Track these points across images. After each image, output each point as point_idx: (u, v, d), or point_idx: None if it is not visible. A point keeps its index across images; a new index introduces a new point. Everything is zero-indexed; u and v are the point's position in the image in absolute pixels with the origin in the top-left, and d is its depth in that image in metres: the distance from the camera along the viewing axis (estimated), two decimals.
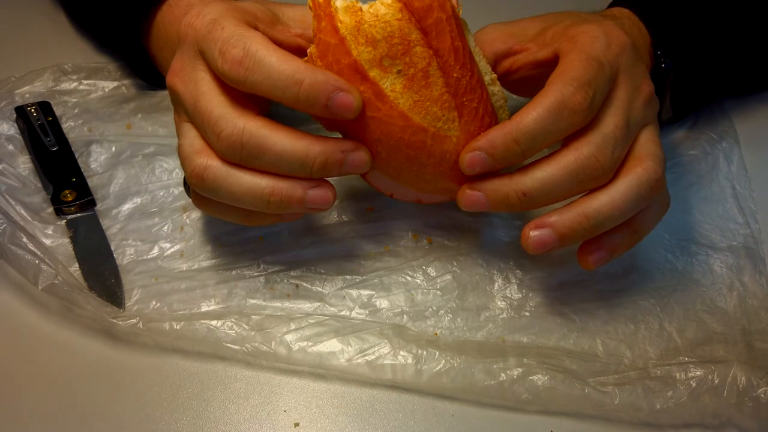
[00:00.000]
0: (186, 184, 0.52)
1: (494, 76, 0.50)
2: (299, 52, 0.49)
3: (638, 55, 0.50)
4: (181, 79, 0.47)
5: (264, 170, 0.45)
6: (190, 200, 0.56)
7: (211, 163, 0.45)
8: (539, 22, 0.53)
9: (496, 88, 0.50)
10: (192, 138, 0.47)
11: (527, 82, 0.53)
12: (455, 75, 0.46)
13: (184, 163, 0.47)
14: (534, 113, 0.45)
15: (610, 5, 0.60)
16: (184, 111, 0.47)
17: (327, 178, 0.47)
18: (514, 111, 0.47)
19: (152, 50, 0.60)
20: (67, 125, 0.60)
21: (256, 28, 0.47)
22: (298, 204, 0.46)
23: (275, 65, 0.43)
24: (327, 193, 0.46)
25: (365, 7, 0.45)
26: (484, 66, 0.49)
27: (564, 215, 0.46)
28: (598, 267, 0.49)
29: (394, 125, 0.45)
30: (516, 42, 0.53)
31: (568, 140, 0.47)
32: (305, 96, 0.43)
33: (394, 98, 0.45)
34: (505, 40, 0.53)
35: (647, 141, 0.48)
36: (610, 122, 0.47)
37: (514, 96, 0.57)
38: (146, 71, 0.62)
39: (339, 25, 0.45)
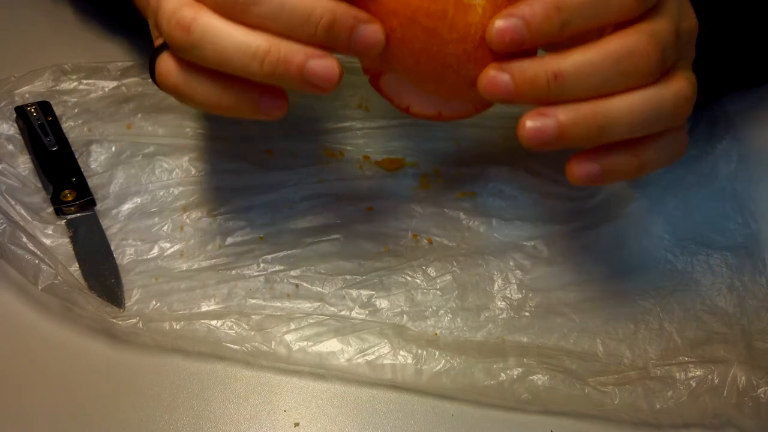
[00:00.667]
0: (152, 62, 0.44)
1: None
2: None
3: None
4: None
5: (260, 25, 0.39)
6: (191, 200, 0.56)
7: (201, 14, 0.39)
8: None
9: None
10: None
11: None
12: None
13: (165, 18, 0.40)
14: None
15: None
16: None
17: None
18: None
19: None
20: (67, 125, 0.60)
21: None
22: (296, 72, 0.39)
23: None
24: (332, 67, 0.39)
25: None
26: None
27: (572, 106, 0.40)
28: (583, 183, 0.42)
29: None
30: None
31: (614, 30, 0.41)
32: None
33: None
34: None
35: (685, 69, 0.43)
36: (662, 21, 0.41)
37: None
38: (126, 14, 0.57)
39: None
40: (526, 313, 0.52)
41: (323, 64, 0.39)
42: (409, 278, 0.53)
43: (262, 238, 0.55)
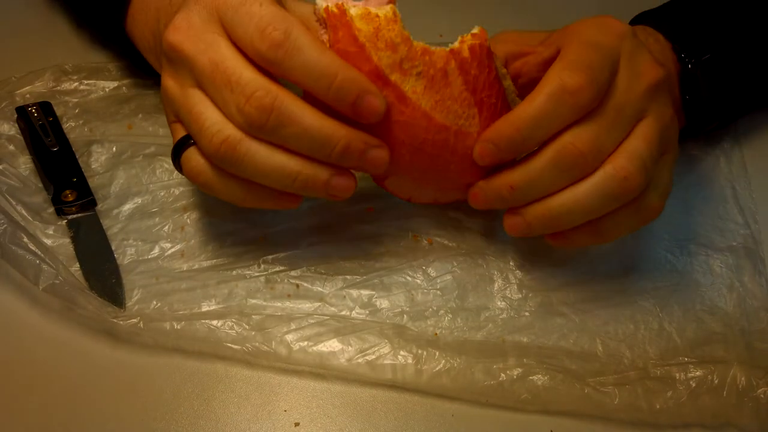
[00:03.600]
0: (177, 153, 0.48)
1: (505, 71, 0.50)
2: None
3: (641, 43, 0.49)
4: (188, 37, 0.45)
5: (282, 144, 0.44)
6: (191, 200, 0.56)
7: (242, 136, 0.44)
8: (550, 33, 0.53)
9: (506, 83, 0.50)
10: (213, 109, 0.45)
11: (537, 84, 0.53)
12: (473, 72, 0.46)
13: (208, 133, 0.44)
14: (535, 101, 0.45)
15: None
16: (191, 73, 0.45)
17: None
18: None
19: (130, 27, 0.57)
20: (67, 125, 0.60)
21: None
22: (321, 187, 0.45)
23: (314, 55, 0.43)
24: (350, 182, 0.46)
25: (380, 12, 0.45)
26: (498, 64, 0.49)
27: (533, 207, 0.48)
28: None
29: (417, 126, 0.46)
30: (526, 45, 0.53)
31: None
32: (336, 90, 0.43)
33: (416, 100, 0.46)
34: (517, 42, 0.54)
35: (635, 137, 0.47)
36: (598, 110, 0.46)
37: None
38: (129, 52, 0.60)
39: (357, 33, 0.45)
40: (526, 313, 0.52)
41: (343, 182, 0.46)
42: (409, 278, 0.54)
43: (262, 238, 0.55)
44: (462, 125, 0.46)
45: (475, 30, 0.47)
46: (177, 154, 0.48)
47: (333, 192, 0.46)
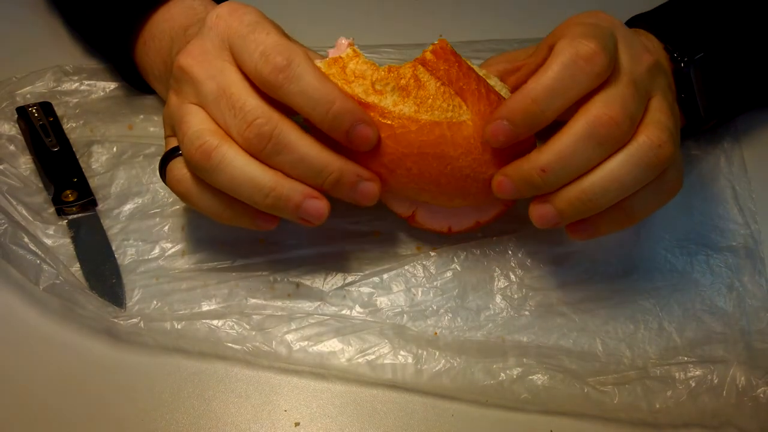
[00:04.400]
0: (164, 162, 0.49)
1: (485, 71, 0.51)
2: None
3: (633, 31, 0.49)
4: (199, 62, 0.47)
5: (277, 167, 0.45)
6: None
7: (223, 145, 0.45)
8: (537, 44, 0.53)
9: (492, 81, 0.51)
10: (203, 118, 0.46)
11: None
12: (442, 68, 0.47)
13: (188, 139, 0.45)
14: (549, 71, 0.44)
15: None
16: (195, 93, 0.46)
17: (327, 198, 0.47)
18: None
19: (139, 53, 0.59)
20: (68, 126, 0.60)
21: None
22: (293, 209, 0.46)
23: (313, 82, 0.44)
24: (323, 208, 0.46)
25: (342, 54, 0.48)
26: (478, 70, 0.50)
27: (565, 191, 0.45)
28: (581, 240, 0.49)
29: (409, 132, 0.47)
30: (516, 60, 0.54)
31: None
32: (332, 118, 0.44)
33: (398, 110, 0.47)
34: (508, 59, 0.55)
35: (654, 110, 0.46)
36: (615, 81, 0.45)
37: None
38: (131, 75, 0.61)
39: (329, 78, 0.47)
40: (526, 313, 0.52)
41: (315, 206, 0.46)
42: (409, 276, 0.54)
43: (262, 240, 0.55)
44: (451, 117, 0.47)
45: (436, 42, 0.48)
46: (164, 163, 0.49)
47: (304, 215, 0.46)
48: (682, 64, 0.56)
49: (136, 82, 0.61)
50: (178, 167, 0.48)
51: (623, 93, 0.45)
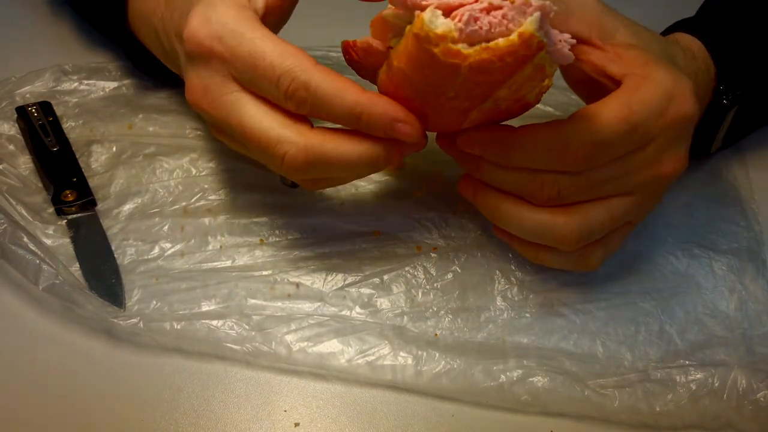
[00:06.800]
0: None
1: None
2: None
3: (686, 132, 0.47)
4: (208, 101, 0.45)
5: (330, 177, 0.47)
6: (191, 201, 0.56)
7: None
8: (632, 35, 0.50)
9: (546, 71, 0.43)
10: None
11: (582, 81, 0.50)
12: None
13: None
14: (527, 138, 0.45)
15: (676, 24, 0.58)
16: (220, 131, 0.47)
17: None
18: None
19: (134, 21, 0.57)
20: (67, 125, 0.60)
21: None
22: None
23: (336, 102, 0.43)
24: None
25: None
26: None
27: (488, 192, 0.49)
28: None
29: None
30: (600, 36, 0.48)
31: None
32: (365, 126, 0.43)
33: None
34: (593, 26, 0.49)
35: (602, 210, 0.47)
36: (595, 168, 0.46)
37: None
38: (142, 59, 0.60)
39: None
40: (527, 314, 0.52)
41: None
42: (410, 277, 0.53)
43: (262, 240, 0.55)
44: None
45: None
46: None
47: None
48: (725, 101, 0.55)
49: (137, 59, 0.60)
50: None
51: (584, 179, 0.45)
